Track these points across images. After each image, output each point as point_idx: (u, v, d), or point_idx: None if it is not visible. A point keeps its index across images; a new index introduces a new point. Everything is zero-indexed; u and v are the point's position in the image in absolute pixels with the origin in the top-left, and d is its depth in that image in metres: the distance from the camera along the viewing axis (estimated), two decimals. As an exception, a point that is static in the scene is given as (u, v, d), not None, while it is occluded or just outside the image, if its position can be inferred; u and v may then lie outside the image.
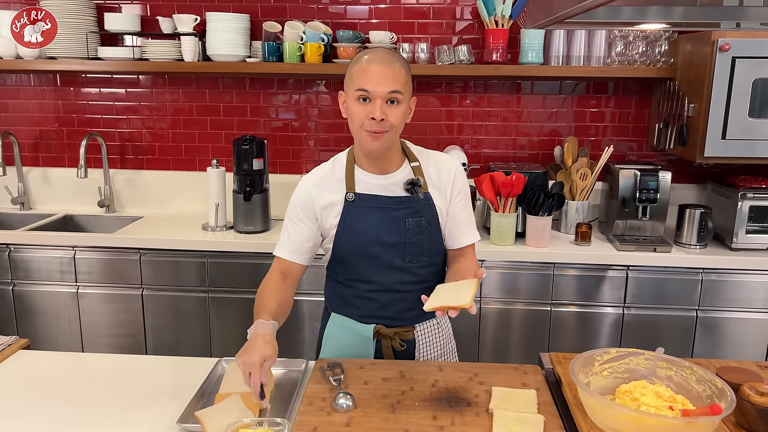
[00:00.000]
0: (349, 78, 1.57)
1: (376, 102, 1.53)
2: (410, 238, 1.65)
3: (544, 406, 1.43)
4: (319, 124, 3.23)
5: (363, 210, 1.65)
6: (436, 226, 1.68)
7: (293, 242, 1.69)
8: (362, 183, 1.66)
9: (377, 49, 1.61)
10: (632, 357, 1.39)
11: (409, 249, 1.66)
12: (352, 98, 1.56)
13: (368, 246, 1.65)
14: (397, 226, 1.64)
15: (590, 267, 2.70)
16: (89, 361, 1.76)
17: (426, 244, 1.67)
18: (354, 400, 1.42)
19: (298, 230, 1.69)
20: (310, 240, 1.70)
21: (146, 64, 3.00)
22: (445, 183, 1.70)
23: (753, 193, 2.67)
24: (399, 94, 1.54)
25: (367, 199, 1.65)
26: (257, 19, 3.08)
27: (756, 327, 2.69)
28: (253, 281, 2.79)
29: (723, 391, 1.23)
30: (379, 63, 1.53)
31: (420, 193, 1.65)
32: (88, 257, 2.83)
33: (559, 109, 3.16)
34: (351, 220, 1.65)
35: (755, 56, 2.48)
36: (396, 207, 1.65)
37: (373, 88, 1.52)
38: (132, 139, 3.31)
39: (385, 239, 1.65)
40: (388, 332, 1.71)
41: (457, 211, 1.71)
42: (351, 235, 1.66)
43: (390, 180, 1.67)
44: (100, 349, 2.90)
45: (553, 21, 1.34)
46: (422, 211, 1.66)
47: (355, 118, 1.56)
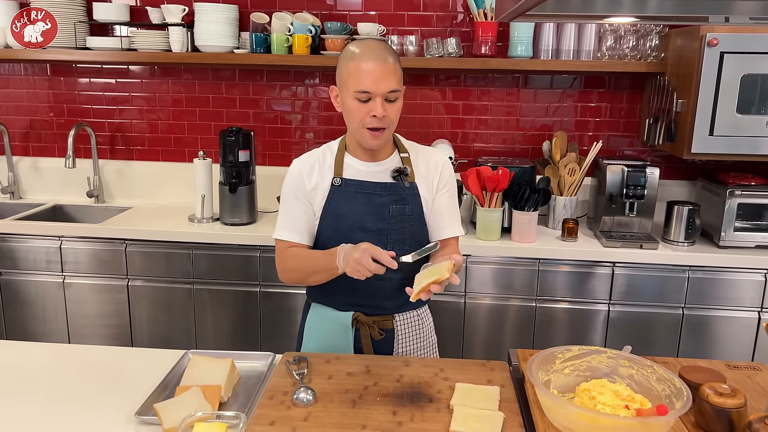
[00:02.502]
0: (346, 76, 1.58)
1: (377, 100, 1.55)
2: (393, 225, 1.66)
3: (507, 403, 1.42)
4: (308, 115, 3.22)
5: (348, 195, 1.67)
6: (419, 216, 1.69)
7: (294, 223, 1.69)
8: (350, 169, 1.69)
9: (369, 42, 1.61)
10: (594, 355, 1.38)
11: (391, 236, 1.66)
12: (350, 97, 1.57)
13: (351, 231, 1.65)
14: (380, 212, 1.66)
15: (576, 263, 2.68)
16: (57, 352, 1.75)
17: (408, 233, 1.68)
18: (315, 395, 1.42)
19: (297, 211, 1.69)
20: (309, 219, 1.70)
21: (135, 55, 3.00)
22: (433, 174, 1.72)
23: (741, 190, 2.64)
24: (398, 92, 1.57)
25: (353, 185, 1.67)
26: (246, 10, 3.06)
27: (742, 326, 2.66)
28: (238, 273, 2.80)
29: (680, 391, 1.21)
30: (375, 60, 1.54)
31: (406, 182, 1.68)
32: (74, 247, 2.83)
33: (549, 104, 3.13)
34: (336, 204, 1.67)
35: (744, 51, 2.44)
36: (381, 193, 1.67)
37: (374, 88, 1.54)
38: (122, 129, 3.31)
39: (367, 225, 1.66)
40: (366, 320, 1.72)
41: (442, 203, 1.73)
42: (335, 219, 1.67)
43: (378, 167, 1.69)
44: (87, 340, 2.91)
45: (519, 11, 1.31)
46: (406, 200, 1.68)
47: (355, 116, 1.58)
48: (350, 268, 1.43)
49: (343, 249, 1.49)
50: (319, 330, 1.76)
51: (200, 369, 1.48)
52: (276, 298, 2.80)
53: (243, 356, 1.63)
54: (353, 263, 1.42)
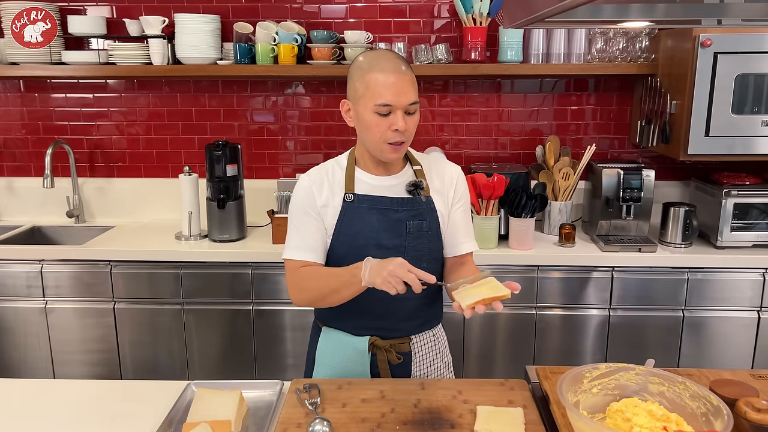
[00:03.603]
0: (363, 89, 1.50)
1: (398, 113, 1.49)
2: (410, 241, 1.59)
3: (532, 426, 1.36)
4: (295, 126, 3.14)
5: (362, 211, 1.59)
6: (436, 231, 1.63)
7: (305, 240, 1.60)
8: (362, 184, 1.61)
9: (383, 53, 1.55)
10: (623, 372, 1.33)
11: (409, 253, 1.58)
12: (368, 111, 1.50)
13: (366, 249, 1.57)
14: (397, 228, 1.59)
15: (575, 269, 2.64)
16: (46, 389, 1.65)
17: (426, 249, 1.61)
18: (331, 426, 1.34)
19: (309, 227, 1.60)
20: (322, 235, 1.61)
21: (113, 69, 2.89)
22: (447, 187, 1.66)
23: (737, 190, 2.63)
24: (416, 104, 1.53)
25: (366, 200, 1.60)
26: (228, 20, 2.97)
27: (742, 326, 2.65)
28: (229, 292, 2.71)
29: (719, 409, 1.16)
30: (394, 72, 1.49)
31: (422, 196, 1.61)
32: (56, 271, 2.71)
33: (540, 108, 3.10)
34: (349, 221, 1.59)
35: (737, 51, 2.44)
36: (397, 209, 1.60)
37: (395, 101, 1.48)
38: (101, 146, 3.19)
39: (384, 242, 1.58)
40: (383, 344, 1.63)
41: (457, 218, 1.67)
42: (349, 236, 1.58)
43: (391, 182, 1.62)
44: (72, 367, 2.79)
45: (533, 20, 1.26)
46: (423, 215, 1.61)
47: (375, 130, 1.51)
48: (381, 278, 1.35)
49: (369, 261, 1.41)
50: (333, 356, 1.67)
51: (207, 403, 1.39)
52: (269, 316, 2.72)
53: (250, 385, 1.55)
54: (387, 274, 1.34)
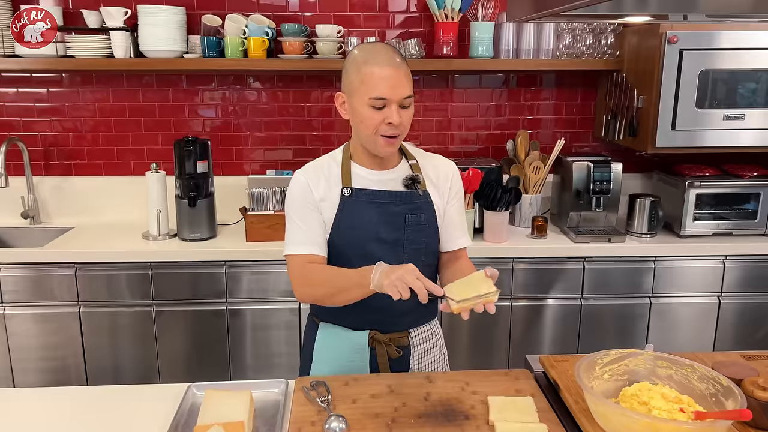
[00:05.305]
0: (358, 82, 1.50)
1: (392, 107, 1.49)
2: (409, 235, 1.60)
3: (543, 413, 1.38)
4: (262, 122, 3.08)
5: (361, 205, 1.58)
6: (434, 225, 1.64)
7: (308, 234, 1.57)
8: (359, 178, 1.60)
9: (378, 46, 1.55)
10: (631, 357, 1.37)
11: (407, 247, 1.60)
12: (363, 104, 1.49)
13: (365, 242, 1.57)
14: (396, 222, 1.59)
15: (548, 260, 2.70)
16: (45, 397, 1.56)
17: (424, 243, 1.62)
18: (347, 423, 1.33)
19: (310, 222, 1.58)
20: (323, 228, 1.59)
21: (72, 62, 2.76)
22: (443, 182, 1.67)
23: (700, 181, 2.75)
24: (411, 97, 1.53)
25: (365, 194, 1.59)
26: (193, 12, 2.88)
27: (703, 310, 2.77)
28: (200, 292, 2.63)
29: (729, 389, 1.21)
30: (390, 66, 1.49)
31: (420, 190, 1.61)
32: (14, 275, 2.57)
33: (508, 103, 3.14)
34: (348, 215, 1.58)
35: (701, 48, 2.54)
36: (395, 202, 1.60)
37: (390, 94, 1.48)
38: (57, 143, 3.04)
39: (383, 235, 1.58)
40: (383, 338, 1.63)
41: (453, 213, 1.68)
42: (347, 230, 1.57)
43: (388, 176, 1.62)
44: (33, 375, 2.65)
45: (543, 15, 1.28)
46: (421, 208, 1.62)
47: (369, 123, 1.50)
48: (388, 281, 1.34)
49: (381, 265, 1.40)
50: (333, 351, 1.65)
51: (217, 404, 1.35)
52: (244, 315, 2.66)
53: (253, 385, 1.51)
54: (395, 278, 1.33)
